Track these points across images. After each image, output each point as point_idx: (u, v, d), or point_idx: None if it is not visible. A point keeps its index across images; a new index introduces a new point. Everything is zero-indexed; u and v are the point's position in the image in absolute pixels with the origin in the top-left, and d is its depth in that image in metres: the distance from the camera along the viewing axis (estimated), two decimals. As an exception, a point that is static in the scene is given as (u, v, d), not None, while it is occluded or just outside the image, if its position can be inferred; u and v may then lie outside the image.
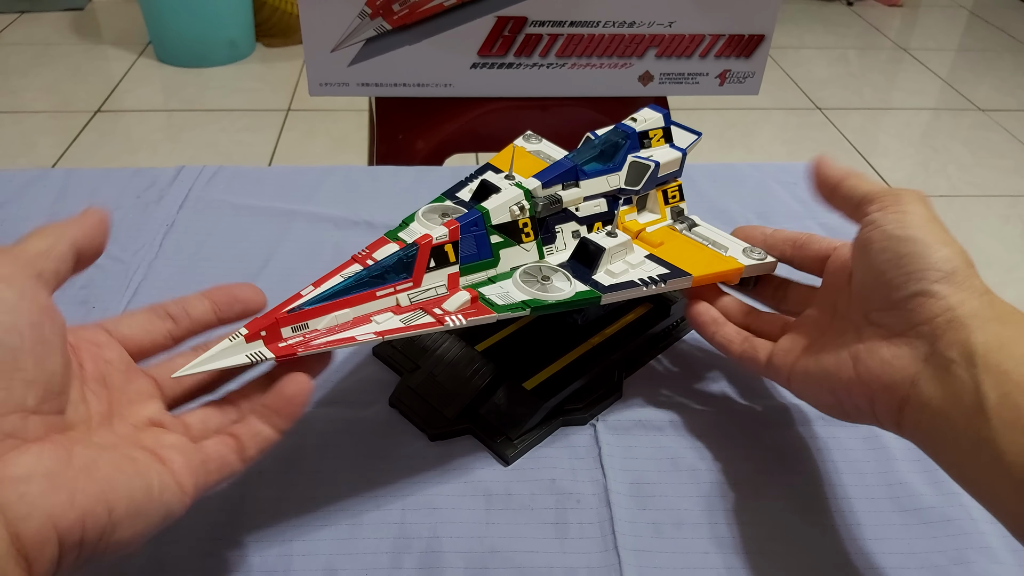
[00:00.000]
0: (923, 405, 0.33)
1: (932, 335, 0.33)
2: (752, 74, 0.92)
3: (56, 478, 0.27)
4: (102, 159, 1.90)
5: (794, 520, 0.41)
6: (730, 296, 0.47)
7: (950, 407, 0.32)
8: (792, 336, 0.42)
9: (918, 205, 0.37)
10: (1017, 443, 0.29)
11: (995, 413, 0.30)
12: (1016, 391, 0.30)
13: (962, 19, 3.01)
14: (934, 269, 0.34)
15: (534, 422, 0.45)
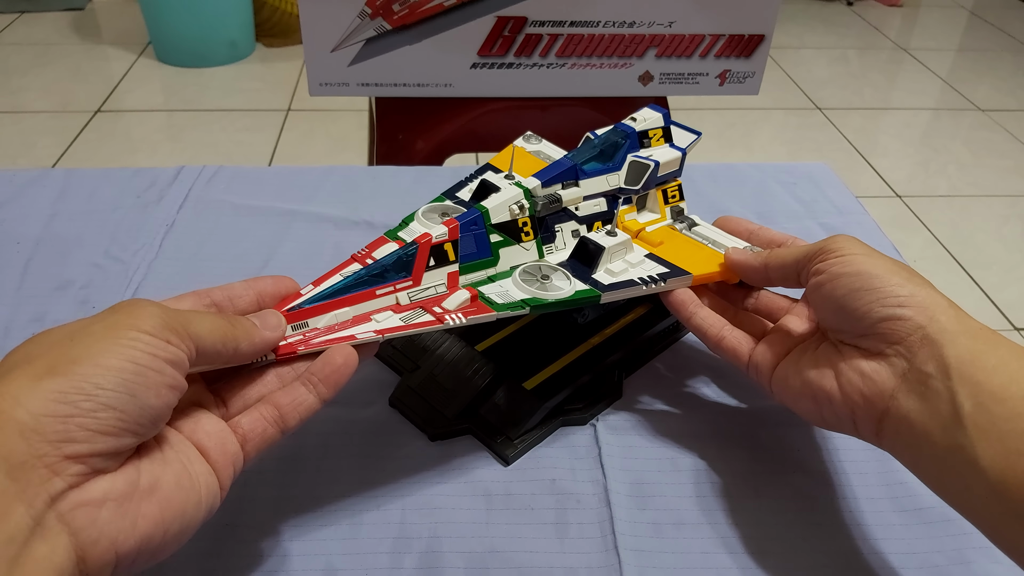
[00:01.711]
0: (902, 417, 0.35)
1: (908, 353, 0.35)
2: (752, 74, 0.92)
3: (125, 503, 0.28)
4: (102, 159, 1.90)
5: (794, 520, 0.41)
6: (712, 297, 0.47)
7: (928, 418, 0.33)
8: (772, 340, 0.42)
9: (854, 245, 0.38)
10: (992, 448, 0.31)
11: (970, 421, 0.32)
12: (990, 400, 0.32)
13: (962, 19, 3.00)
14: (893, 296, 0.35)
15: (534, 422, 0.45)
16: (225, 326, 0.32)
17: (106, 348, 0.28)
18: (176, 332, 0.30)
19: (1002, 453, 0.31)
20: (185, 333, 0.30)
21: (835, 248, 0.39)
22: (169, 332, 0.29)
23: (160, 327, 0.29)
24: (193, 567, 0.38)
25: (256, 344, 0.34)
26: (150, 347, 0.29)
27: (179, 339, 0.30)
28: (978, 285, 1.62)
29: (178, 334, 0.30)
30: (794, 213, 0.67)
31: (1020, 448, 0.31)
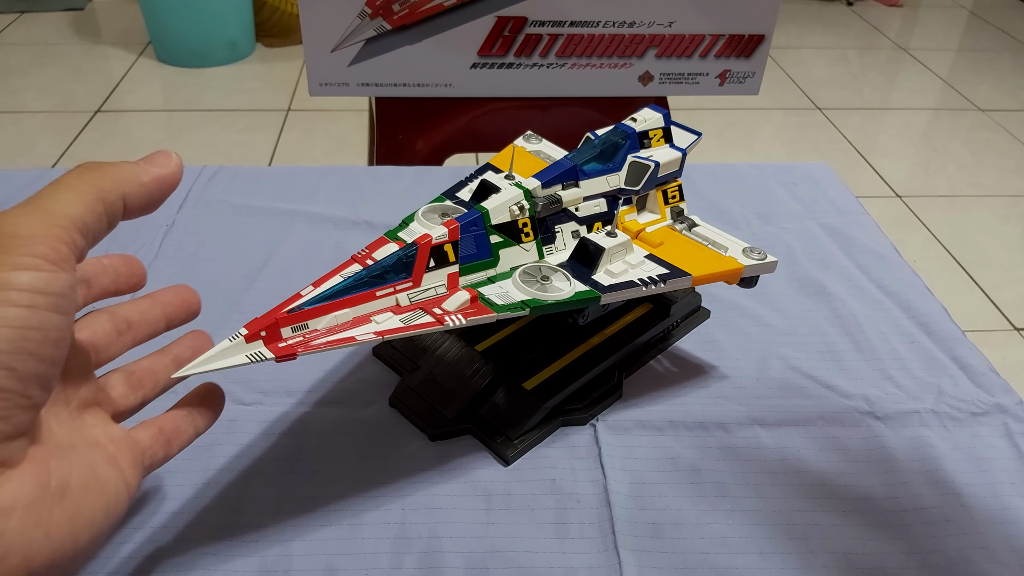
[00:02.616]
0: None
1: None
2: (752, 74, 0.92)
3: (35, 510, 0.25)
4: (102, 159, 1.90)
5: (794, 520, 0.41)
6: None
7: None
8: None
9: None
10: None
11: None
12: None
13: (962, 19, 3.00)
14: None
15: (534, 422, 0.45)
16: (95, 187, 0.28)
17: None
18: (60, 239, 0.26)
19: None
20: (67, 235, 0.26)
21: None
22: (55, 242, 0.26)
23: (34, 250, 0.25)
24: (193, 567, 0.38)
25: (148, 185, 0.30)
26: (23, 298, 0.24)
27: (68, 249, 0.26)
28: (978, 285, 1.62)
29: (63, 240, 0.26)
30: (794, 213, 0.67)
31: None
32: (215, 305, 0.54)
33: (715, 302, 0.55)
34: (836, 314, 0.56)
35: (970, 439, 0.46)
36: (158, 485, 0.41)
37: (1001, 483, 0.44)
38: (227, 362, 0.34)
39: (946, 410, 0.48)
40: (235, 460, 0.43)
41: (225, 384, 0.47)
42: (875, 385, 0.50)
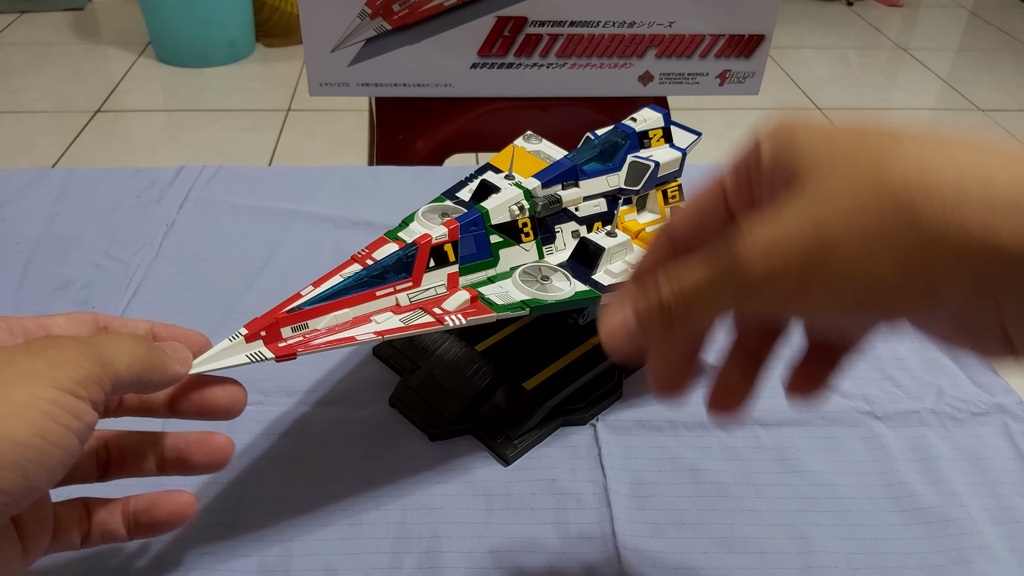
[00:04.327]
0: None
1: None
2: (752, 74, 0.92)
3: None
4: (102, 159, 1.90)
5: (794, 520, 0.41)
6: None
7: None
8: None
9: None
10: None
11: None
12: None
13: (962, 19, 3.00)
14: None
15: (534, 422, 0.45)
16: (144, 356, 0.29)
17: (17, 412, 0.25)
18: (97, 382, 0.27)
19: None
20: (106, 377, 0.27)
21: (785, 297, 0.24)
22: (90, 384, 0.26)
23: (82, 379, 0.26)
24: (193, 566, 0.38)
25: (167, 379, 0.31)
26: (65, 416, 0.25)
27: (98, 390, 0.27)
28: (978, 285, 1.62)
29: (99, 383, 0.27)
30: (794, 213, 0.67)
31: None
32: (215, 305, 0.54)
33: (715, 302, 0.55)
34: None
35: (970, 439, 0.46)
36: (158, 485, 0.41)
37: (1001, 483, 0.44)
38: (227, 362, 0.34)
39: (946, 410, 0.48)
40: (235, 460, 0.43)
41: (225, 384, 0.47)
42: (875, 385, 0.50)
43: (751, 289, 0.25)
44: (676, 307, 0.26)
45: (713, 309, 0.26)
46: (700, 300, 0.26)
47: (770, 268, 0.24)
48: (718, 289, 0.25)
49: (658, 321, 0.27)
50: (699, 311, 0.26)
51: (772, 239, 0.24)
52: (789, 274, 0.24)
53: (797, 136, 0.26)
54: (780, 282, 0.24)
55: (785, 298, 0.24)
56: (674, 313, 0.26)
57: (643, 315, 0.27)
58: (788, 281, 0.24)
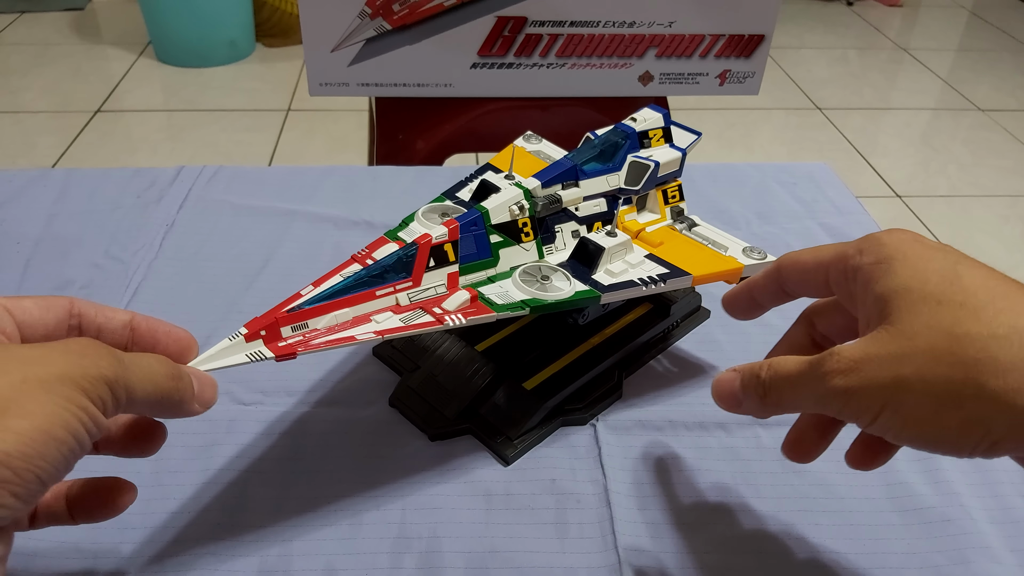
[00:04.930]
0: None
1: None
2: (752, 74, 0.92)
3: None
4: (102, 159, 1.90)
5: (794, 520, 0.41)
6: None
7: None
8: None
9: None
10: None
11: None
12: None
13: (962, 19, 3.00)
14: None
15: (534, 422, 0.45)
16: (166, 391, 0.30)
17: (55, 412, 0.26)
18: (115, 398, 0.28)
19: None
20: (124, 396, 0.28)
21: (859, 414, 0.29)
22: (109, 398, 0.27)
23: (107, 396, 0.27)
24: (193, 566, 0.38)
25: (182, 416, 0.31)
26: (90, 424, 0.26)
27: (115, 406, 0.28)
28: (978, 285, 1.61)
29: (116, 400, 0.28)
30: (794, 213, 0.67)
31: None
32: (215, 305, 0.54)
33: (715, 302, 0.55)
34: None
35: (970, 439, 0.46)
36: (158, 485, 0.41)
37: (1001, 483, 0.44)
38: (227, 361, 0.34)
39: (946, 410, 0.48)
40: (235, 460, 0.43)
41: (225, 384, 0.47)
42: (875, 385, 0.50)
43: (829, 398, 0.30)
44: (769, 387, 0.32)
45: (798, 401, 0.32)
46: (788, 389, 0.32)
47: (848, 385, 0.29)
48: (804, 386, 0.31)
49: (754, 392, 0.33)
50: (788, 398, 0.32)
51: (857, 360, 0.29)
52: (865, 396, 0.29)
53: (894, 264, 0.30)
54: (856, 401, 0.29)
55: (857, 415, 0.29)
56: (767, 391, 0.32)
57: (746, 383, 0.33)
58: (862, 402, 0.29)
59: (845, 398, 0.29)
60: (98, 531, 0.39)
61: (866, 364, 0.29)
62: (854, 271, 0.32)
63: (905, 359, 0.28)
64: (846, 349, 0.30)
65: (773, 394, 0.32)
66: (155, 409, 0.31)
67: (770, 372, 0.32)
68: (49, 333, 0.32)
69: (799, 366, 0.31)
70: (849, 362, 0.29)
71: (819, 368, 0.30)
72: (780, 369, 0.32)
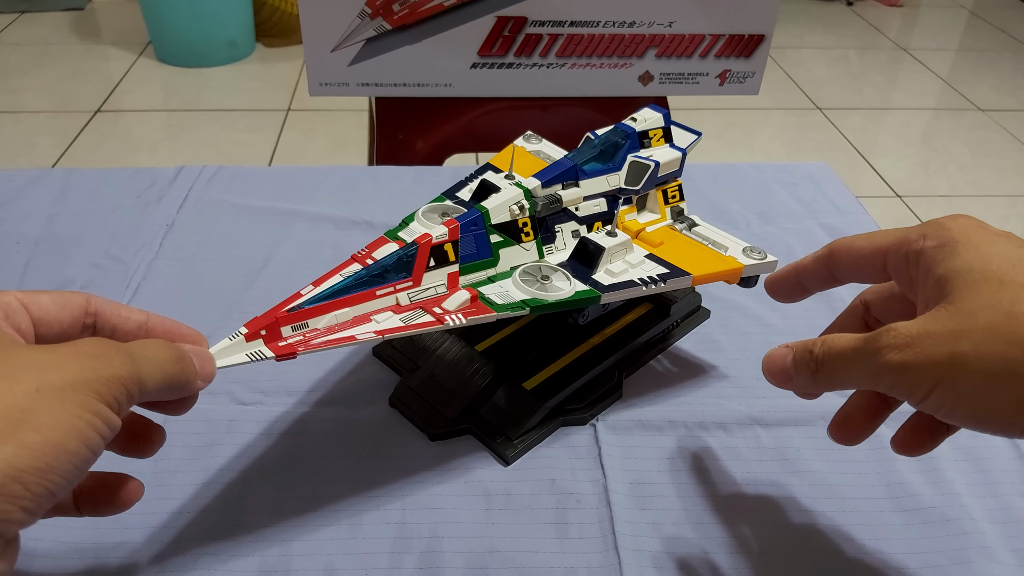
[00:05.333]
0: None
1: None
2: (752, 74, 0.92)
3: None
4: (102, 159, 1.90)
5: (794, 520, 0.41)
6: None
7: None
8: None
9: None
10: None
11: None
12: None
13: (962, 19, 3.00)
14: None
15: (534, 422, 0.45)
16: (173, 374, 0.30)
17: (68, 423, 0.25)
18: (129, 395, 0.28)
19: None
20: (136, 391, 0.28)
21: (912, 390, 0.29)
22: (124, 397, 0.27)
23: (121, 396, 0.27)
24: (193, 566, 0.38)
25: (188, 394, 0.32)
26: (104, 429, 0.26)
27: (129, 403, 0.28)
28: (978, 285, 1.61)
29: (130, 397, 0.28)
30: (794, 213, 0.67)
31: None
32: (215, 305, 0.54)
33: (715, 302, 0.55)
34: (836, 313, 0.55)
35: (970, 439, 0.46)
36: (158, 485, 0.41)
37: (1001, 483, 0.44)
38: (227, 361, 0.34)
39: (946, 410, 0.48)
40: (235, 460, 0.43)
41: (225, 384, 0.47)
42: (875, 385, 0.50)
43: (883, 373, 0.30)
44: (822, 362, 0.32)
45: (850, 376, 0.31)
46: (841, 365, 0.31)
47: (904, 360, 0.29)
48: (858, 362, 0.31)
49: (806, 367, 0.33)
50: (840, 373, 0.32)
51: (914, 336, 0.29)
52: (919, 371, 0.28)
53: (958, 247, 0.30)
54: (910, 376, 0.29)
55: (910, 391, 0.29)
56: (819, 366, 0.32)
57: (798, 359, 0.33)
58: (917, 377, 0.29)
59: (899, 373, 0.29)
60: (98, 531, 0.39)
61: (923, 340, 0.29)
62: (916, 255, 0.32)
63: (963, 336, 0.28)
64: (903, 325, 0.30)
65: (825, 369, 0.32)
66: (165, 394, 0.30)
67: (824, 348, 0.32)
68: (64, 331, 0.32)
69: (854, 342, 0.31)
70: (906, 337, 0.29)
71: (874, 343, 0.30)
72: (834, 345, 0.32)
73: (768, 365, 0.35)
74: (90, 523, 0.39)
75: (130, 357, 0.28)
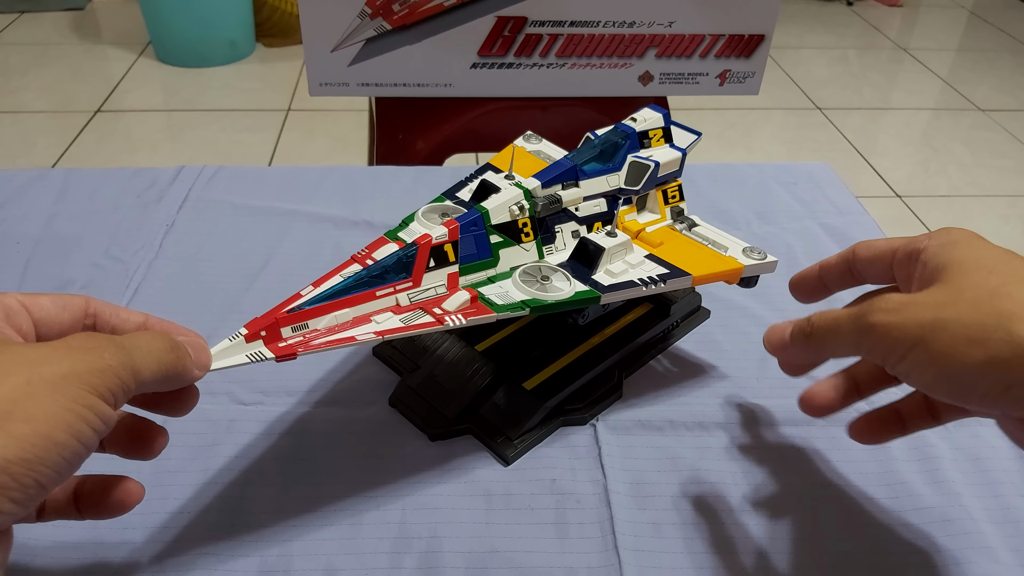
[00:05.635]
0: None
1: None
2: (752, 74, 0.92)
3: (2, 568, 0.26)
4: (102, 159, 1.90)
5: (794, 520, 0.41)
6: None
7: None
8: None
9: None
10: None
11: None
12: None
13: (962, 19, 3.00)
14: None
15: (534, 422, 0.45)
16: (169, 364, 0.30)
17: (58, 415, 0.25)
18: (124, 386, 0.28)
19: None
20: (132, 382, 0.28)
21: (892, 348, 0.31)
22: (118, 388, 0.27)
23: (115, 388, 0.27)
24: (193, 566, 0.38)
25: (186, 384, 0.32)
26: (96, 422, 0.26)
27: (124, 395, 0.28)
28: (978, 285, 1.61)
29: (125, 388, 0.28)
30: (794, 213, 0.67)
31: None
32: (215, 305, 0.54)
33: (715, 302, 0.55)
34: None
35: (970, 439, 0.46)
36: (158, 485, 0.41)
37: (1001, 483, 0.44)
38: (227, 362, 0.34)
39: (946, 410, 0.48)
40: (235, 460, 0.43)
41: (225, 384, 0.47)
42: (875, 385, 0.50)
43: (867, 331, 0.32)
44: (815, 326, 0.35)
45: (839, 339, 0.34)
46: (832, 329, 0.35)
47: (889, 320, 0.31)
48: (847, 324, 0.33)
49: (800, 333, 0.36)
50: (831, 337, 0.35)
51: (903, 302, 0.32)
52: (901, 331, 0.31)
53: (958, 246, 0.34)
54: (892, 335, 0.31)
55: (889, 351, 0.32)
56: (813, 330, 0.36)
57: (795, 327, 0.37)
58: (898, 336, 0.31)
59: (883, 332, 0.32)
60: (98, 531, 0.39)
61: (910, 306, 0.31)
62: (919, 252, 0.35)
63: (947, 305, 0.31)
64: (894, 294, 0.33)
65: (818, 333, 0.35)
66: (162, 384, 0.30)
67: (819, 315, 0.36)
68: (64, 332, 0.32)
69: (846, 310, 0.34)
70: (895, 303, 0.32)
71: (865, 308, 0.33)
72: (829, 313, 0.35)
73: (769, 335, 0.38)
74: (90, 523, 0.39)
75: (122, 348, 0.28)
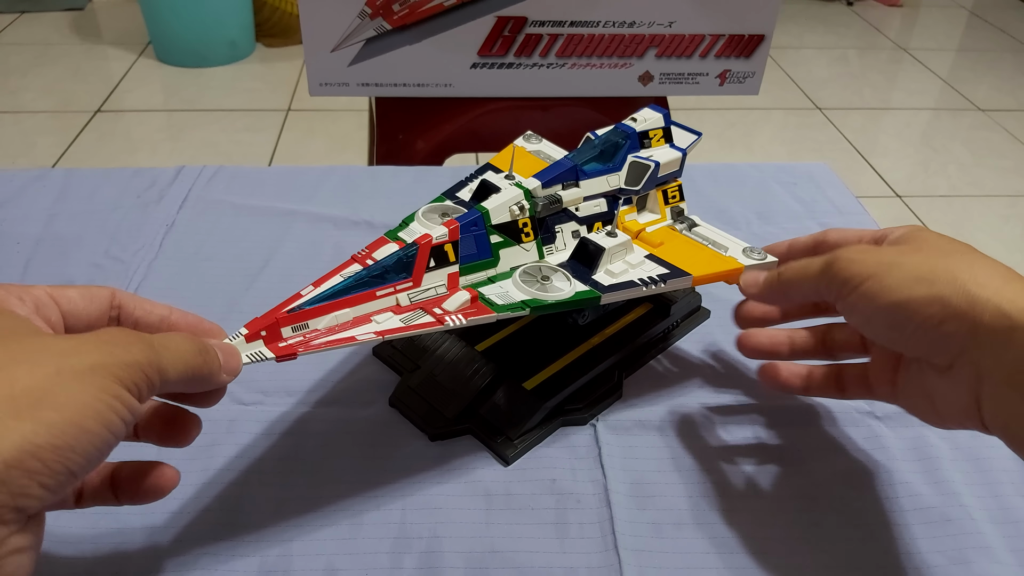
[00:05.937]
0: (997, 413, 0.34)
1: (972, 364, 0.34)
2: (752, 74, 0.92)
3: (36, 551, 0.27)
4: (102, 159, 1.90)
5: (794, 520, 0.41)
6: (791, 329, 0.46)
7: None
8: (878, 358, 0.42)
9: (864, 265, 0.37)
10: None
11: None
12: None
13: (962, 19, 3.00)
14: (928, 321, 0.34)
15: (534, 422, 0.45)
16: (196, 366, 0.30)
17: (87, 404, 0.26)
18: (149, 382, 0.28)
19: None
20: (157, 379, 0.28)
21: (850, 278, 0.36)
22: (144, 383, 0.28)
23: (141, 382, 0.28)
24: (193, 566, 0.38)
25: (214, 385, 0.32)
26: (124, 412, 0.27)
27: (149, 390, 0.28)
28: (978, 285, 1.61)
29: (150, 383, 0.28)
30: (794, 213, 0.67)
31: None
32: (215, 305, 0.54)
33: (715, 302, 0.55)
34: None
35: (970, 439, 0.46)
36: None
37: (1001, 483, 0.44)
38: (227, 362, 0.34)
39: (946, 410, 0.48)
40: (235, 460, 0.43)
41: (225, 384, 0.47)
42: (875, 385, 0.50)
43: (830, 268, 0.37)
44: (785, 268, 0.41)
45: (804, 278, 0.39)
46: (799, 270, 0.40)
47: (851, 256, 0.37)
48: (815, 265, 0.38)
49: (774, 276, 0.42)
50: (797, 277, 0.40)
51: (867, 249, 0.37)
52: (860, 265, 0.36)
53: (922, 232, 0.39)
54: (851, 268, 0.36)
55: (845, 281, 0.36)
56: (781, 274, 0.41)
57: (768, 277, 0.42)
58: (856, 269, 0.36)
59: (845, 265, 0.36)
60: (98, 530, 0.39)
61: (874, 251, 0.37)
62: (885, 237, 0.40)
63: (904, 255, 0.36)
64: (859, 245, 0.40)
65: (787, 272, 0.41)
66: (188, 385, 0.31)
67: (788, 268, 0.41)
68: (92, 323, 0.32)
69: (812, 261, 0.39)
70: (861, 248, 0.37)
71: (836, 252, 0.38)
72: (796, 266, 0.40)
73: (744, 276, 0.44)
74: (89, 522, 0.39)
75: (150, 346, 0.29)
